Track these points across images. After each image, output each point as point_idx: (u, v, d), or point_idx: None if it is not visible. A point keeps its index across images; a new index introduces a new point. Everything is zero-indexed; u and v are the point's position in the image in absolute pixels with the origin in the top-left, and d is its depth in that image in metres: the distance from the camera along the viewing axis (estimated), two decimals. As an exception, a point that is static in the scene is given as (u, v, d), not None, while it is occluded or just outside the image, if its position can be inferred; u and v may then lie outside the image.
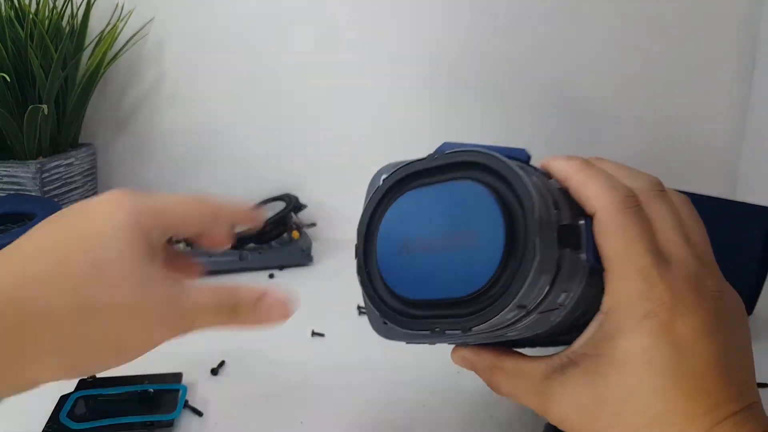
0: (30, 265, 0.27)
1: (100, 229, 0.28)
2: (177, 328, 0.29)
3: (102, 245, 0.27)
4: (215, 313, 0.30)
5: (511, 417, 0.40)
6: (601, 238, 0.28)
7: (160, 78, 0.77)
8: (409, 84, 0.77)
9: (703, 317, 0.28)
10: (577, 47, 0.76)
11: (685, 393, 0.27)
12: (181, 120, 0.78)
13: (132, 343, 0.28)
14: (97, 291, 0.27)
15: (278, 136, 0.79)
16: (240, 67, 0.77)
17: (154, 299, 0.28)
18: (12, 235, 0.49)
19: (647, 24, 0.75)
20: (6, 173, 0.62)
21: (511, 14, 0.75)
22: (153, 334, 0.28)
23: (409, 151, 0.85)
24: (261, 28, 0.76)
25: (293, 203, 0.74)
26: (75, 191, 0.69)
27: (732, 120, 0.77)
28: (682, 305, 0.28)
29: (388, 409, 0.41)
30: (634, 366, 0.27)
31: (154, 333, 0.28)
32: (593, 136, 0.78)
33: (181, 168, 0.79)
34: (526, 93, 0.77)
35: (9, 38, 0.62)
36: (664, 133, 0.77)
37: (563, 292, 0.27)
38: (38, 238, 0.28)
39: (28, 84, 0.64)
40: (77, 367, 0.28)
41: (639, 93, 0.77)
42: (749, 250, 0.50)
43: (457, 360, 0.34)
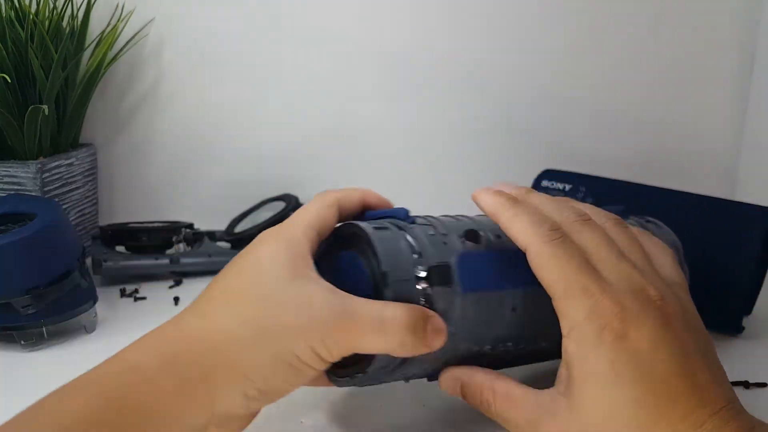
0: (209, 305, 0.31)
1: (260, 261, 0.31)
2: (340, 349, 0.30)
3: (262, 273, 0.31)
4: (380, 335, 0.30)
5: (511, 417, 0.40)
6: (538, 271, 0.31)
7: (160, 78, 0.77)
8: (411, 85, 0.77)
9: (652, 325, 0.29)
10: (576, 48, 0.76)
11: (659, 401, 0.28)
12: (181, 120, 0.78)
13: (305, 360, 0.30)
14: (266, 317, 0.29)
15: (278, 135, 0.79)
16: (240, 66, 0.77)
17: (319, 320, 0.29)
18: (12, 235, 0.49)
19: (647, 24, 0.75)
20: (6, 173, 0.62)
21: (510, 15, 0.75)
22: (320, 350, 0.30)
23: (409, 150, 0.86)
24: (261, 28, 0.76)
25: (293, 203, 0.74)
26: (75, 191, 0.69)
27: (731, 120, 0.77)
28: (631, 316, 0.29)
29: (387, 409, 0.41)
30: (605, 381, 0.28)
31: (320, 350, 0.30)
32: (592, 137, 0.78)
33: (181, 168, 0.80)
34: (525, 94, 0.77)
35: (9, 39, 0.62)
36: (663, 134, 0.78)
37: (445, 323, 0.32)
38: (219, 281, 0.32)
39: (29, 84, 0.64)
40: (263, 392, 0.30)
41: (638, 94, 0.77)
42: (748, 250, 0.50)
43: (445, 380, 0.35)
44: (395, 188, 0.80)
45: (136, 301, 0.60)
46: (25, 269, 0.49)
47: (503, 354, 0.38)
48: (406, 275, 0.32)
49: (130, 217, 0.78)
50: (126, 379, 0.28)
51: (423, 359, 0.34)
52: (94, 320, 0.53)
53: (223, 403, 0.29)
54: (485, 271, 0.34)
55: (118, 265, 0.64)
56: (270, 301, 0.30)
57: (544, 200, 0.35)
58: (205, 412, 0.29)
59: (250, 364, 0.29)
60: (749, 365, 0.48)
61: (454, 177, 0.80)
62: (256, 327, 0.29)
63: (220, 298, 0.31)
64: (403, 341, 0.30)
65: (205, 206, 0.79)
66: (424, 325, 0.31)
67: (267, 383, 0.30)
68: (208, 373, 0.29)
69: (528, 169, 0.70)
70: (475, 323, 0.34)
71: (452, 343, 0.33)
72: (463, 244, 0.35)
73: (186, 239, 0.69)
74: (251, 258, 0.32)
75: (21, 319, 0.48)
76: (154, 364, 0.29)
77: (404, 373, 0.36)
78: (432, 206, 0.79)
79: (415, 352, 0.31)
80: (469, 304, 0.33)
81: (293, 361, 0.29)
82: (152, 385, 0.28)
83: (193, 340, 0.30)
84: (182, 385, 0.28)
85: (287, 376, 0.30)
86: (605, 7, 0.74)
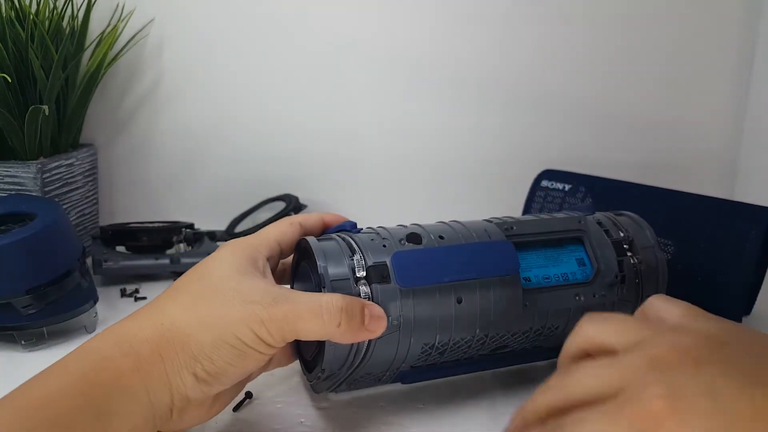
0: (165, 300, 0.35)
1: (212, 262, 0.36)
2: (281, 332, 0.33)
3: (212, 271, 0.35)
4: (317, 318, 0.33)
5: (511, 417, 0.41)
6: None
7: (160, 78, 0.77)
8: (411, 85, 0.77)
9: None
10: (577, 50, 0.76)
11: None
12: (181, 120, 0.78)
13: (248, 342, 0.33)
14: (211, 306, 0.33)
15: (278, 136, 0.79)
16: (240, 67, 0.77)
17: (257, 304, 0.33)
18: (13, 235, 0.49)
19: (646, 26, 0.75)
20: (7, 173, 0.62)
21: (511, 17, 0.75)
22: (261, 336, 0.33)
23: (409, 150, 0.86)
24: (261, 28, 0.76)
25: (293, 203, 0.74)
26: (76, 191, 0.69)
27: (730, 121, 0.77)
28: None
29: (386, 409, 0.41)
30: None
31: (261, 335, 0.33)
32: (593, 138, 0.78)
33: (181, 168, 0.80)
34: (526, 95, 0.77)
35: (10, 39, 0.62)
36: (662, 135, 0.78)
37: (387, 316, 0.36)
38: (177, 282, 0.36)
39: (29, 84, 0.64)
40: (211, 374, 0.33)
41: (638, 94, 0.77)
42: (748, 250, 0.50)
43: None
44: (394, 188, 0.81)
45: (137, 301, 0.60)
46: (26, 269, 0.49)
47: (463, 348, 0.40)
48: (343, 275, 0.36)
49: (130, 217, 0.78)
50: (89, 359, 0.32)
51: (379, 356, 0.37)
52: (94, 320, 0.53)
53: (178, 382, 0.32)
54: (423, 266, 0.37)
55: (118, 265, 0.64)
56: (216, 293, 0.34)
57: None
58: (166, 390, 0.32)
59: (197, 346, 0.32)
60: (748, 365, 0.48)
61: (454, 177, 0.80)
62: (202, 315, 0.33)
63: (173, 295, 0.35)
64: (339, 324, 0.33)
65: (205, 206, 0.79)
66: (361, 310, 0.34)
67: (213, 364, 0.32)
68: (162, 354, 0.32)
69: (528, 169, 0.70)
70: (419, 316, 0.37)
71: (401, 337, 0.37)
72: (403, 245, 0.38)
73: (186, 239, 0.69)
74: (207, 262, 0.36)
75: (21, 319, 0.49)
76: (113, 347, 0.32)
77: (368, 372, 0.38)
78: (431, 205, 0.80)
79: (356, 336, 0.34)
80: (410, 298, 0.37)
81: (236, 344, 0.32)
82: (112, 362, 0.31)
83: (148, 326, 0.33)
84: (139, 363, 0.32)
85: (231, 357, 0.33)
86: (604, 8, 0.74)
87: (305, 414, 0.41)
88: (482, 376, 0.45)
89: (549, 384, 0.27)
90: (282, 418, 0.40)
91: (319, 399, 0.43)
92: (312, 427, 0.39)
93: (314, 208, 0.78)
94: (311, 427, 0.39)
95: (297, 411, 0.41)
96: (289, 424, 0.40)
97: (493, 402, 0.42)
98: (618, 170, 0.66)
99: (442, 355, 0.40)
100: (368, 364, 0.37)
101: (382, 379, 0.40)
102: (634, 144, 0.78)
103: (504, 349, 0.42)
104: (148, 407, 0.31)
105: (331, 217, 0.42)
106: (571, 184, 0.64)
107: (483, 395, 0.43)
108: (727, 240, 0.51)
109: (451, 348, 0.39)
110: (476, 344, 0.40)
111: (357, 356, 0.37)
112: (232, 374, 0.33)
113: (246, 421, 0.40)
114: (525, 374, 0.46)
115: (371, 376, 0.39)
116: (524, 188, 0.68)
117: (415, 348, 0.38)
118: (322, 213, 0.42)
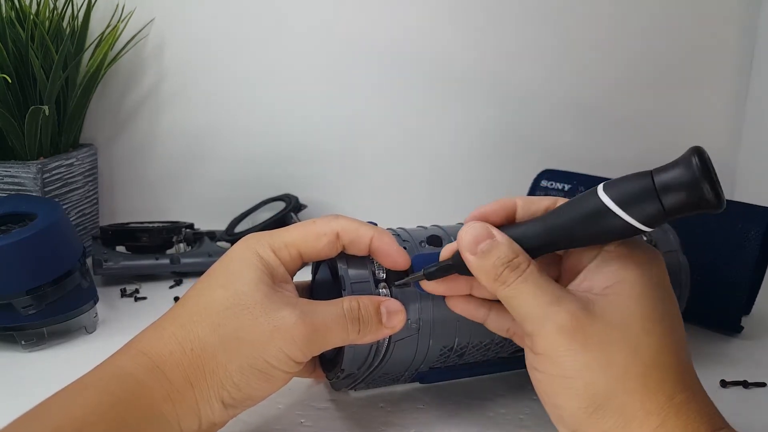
0: (185, 312, 0.33)
1: (234, 265, 0.34)
2: (312, 345, 0.32)
3: (235, 276, 0.33)
4: (343, 327, 0.33)
5: (511, 417, 0.41)
6: None
7: (160, 78, 0.77)
8: (411, 85, 0.77)
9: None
10: (578, 50, 0.76)
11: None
12: (182, 120, 0.78)
13: (275, 364, 0.32)
14: (239, 326, 0.32)
15: (278, 135, 0.79)
16: (240, 67, 0.77)
17: (285, 321, 0.32)
18: (13, 236, 0.49)
19: (646, 26, 0.75)
20: (7, 173, 0.62)
21: (510, 15, 0.75)
22: (291, 353, 0.32)
23: (409, 150, 0.86)
24: (261, 28, 0.76)
25: (293, 203, 0.74)
26: (76, 191, 0.69)
27: (729, 121, 0.77)
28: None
29: (386, 409, 0.41)
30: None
31: (291, 353, 0.32)
32: (592, 138, 0.78)
33: (181, 168, 0.80)
34: (527, 95, 0.77)
35: (10, 39, 0.62)
36: (662, 135, 0.78)
37: (407, 319, 0.35)
38: (195, 290, 0.34)
39: (29, 85, 0.64)
40: (238, 400, 0.32)
41: (638, 95, 0.77)
42: (747, 250, 0.50)
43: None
44: (394, 188, 0.81)
45: (137, 301, 0.60)
46: (26, 269, 0.49)
47: (482, 351, 0.40)
48: (364, 277, 0.36)
49: (130, 217, 0.78)
50: (125, 383, 0.30)
51: (398, 358, 0.37)
52: (94, 320, 0.53)
53: (207, 410, 0.32)
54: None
55: (118, 265, 0.64)
56: (243, 310, 0.32)
57: None
58: (195, 417, 0.31)
59: (225, 373, 0.31)
60: (748, 365, 0.48)
61: (454, 177, 0.80)
62: (230, 338, 0.31)
63: (195, 309, 0.33)
64: (361, 326, 0.33)
65: (205, 206, 0.79)
66: (376, 310, 0.34)
67: (240, 391, 0.32)
68: (192, 381, 0.31)
69: (528, 169, 0.70)
70: (439, 318, 0.37)
71: (420, 339, 0.37)
72: (423, 248, 0.38)
73: (186, 239, 0.69)
74: (225, 269, 0.34)
75: (22, 319, 0.49)
76: (144, 371, 0.31)
77: (387, 372, 0.38)
78: (430, 204, 0.80)
79: (376, 335, 0.34)
80: (430, 300, 0.36)
81: (264, 367, 0.32)
82: (145, 389, 0.30)
83: (176, 349, 0.32)
84: (171, 392, 0.31)
85: (258, 383, 0.32)
86: (603, 8, 0.74)
87: (305, 414, 0.41)
88: (481, 376, 0.46)
89: None
90: (282, 418, 0.40)
91: (319, 399, 0.43)
92: (312, 427, 0.39)
93: (314, 207, 0.78)
94: (311, 427, 0.39)
95: (297, 411, 0.41)
96: (289, 424, 0.40)
97: (493, 402, 0.42)
98: (618, 170, 0.66)
99: (461, 357, 0.40)
100: (387, 365, 0.38)
101: (400, 379, 0.41)
102: (633, 144, 0.78)
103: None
104: None
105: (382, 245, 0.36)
106: (570, 183, 0.64)
107: (483, 395, 0.43)
108: (727, 240, 0.51)
109: (470, 350, 0.39)
110: (495, 347, 0.40)
111: (376, 357, 0.37)
112: (258, 398, 0.33)
113: (246, 421, 0.40)
114: (524, 375, 0.46)
115: (389, 376, 0.40)
116: (524, 188, 0.68)
117: (433, 350, 0.38)
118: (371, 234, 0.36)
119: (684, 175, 0.27)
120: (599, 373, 0.28)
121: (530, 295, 0.30)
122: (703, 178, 0.27)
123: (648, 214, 0.28)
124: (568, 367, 0.29)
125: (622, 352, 0.28)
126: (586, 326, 0.29)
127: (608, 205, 0.29)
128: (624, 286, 0.30)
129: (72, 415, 0.28)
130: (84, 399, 0.29)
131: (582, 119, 0.78)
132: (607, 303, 0.29)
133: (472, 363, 0.41)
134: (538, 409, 0.41)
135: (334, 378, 0.39)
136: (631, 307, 0.29)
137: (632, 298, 0.29)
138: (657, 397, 0.28)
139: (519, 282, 0.30)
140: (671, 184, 0.27)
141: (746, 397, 0.44)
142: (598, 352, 0.28)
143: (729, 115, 0.77)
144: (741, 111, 0.77)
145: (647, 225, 0.28)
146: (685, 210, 0.27)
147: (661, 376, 0.28)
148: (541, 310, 0.30)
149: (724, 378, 0.45)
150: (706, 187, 0.26)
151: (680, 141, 0.78)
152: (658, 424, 0.28)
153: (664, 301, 0.30)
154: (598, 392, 0.28)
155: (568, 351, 0.29)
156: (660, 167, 0.28)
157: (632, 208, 0.28)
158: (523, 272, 0.30)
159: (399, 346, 0.37)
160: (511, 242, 0.31)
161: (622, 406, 0.28)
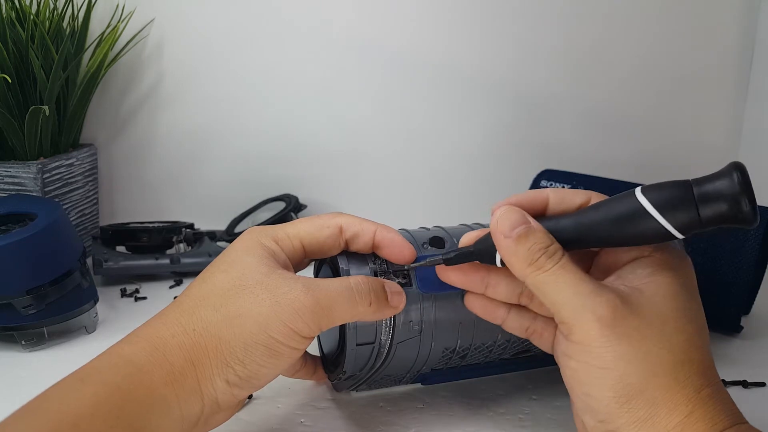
0: (189, 300, 0.33)
1: (236, 253, 0.34)
2: (317, 318, 0.32)
3: (236, 262, 0.34)
4: (350, 300, 0.33)
5: (511, 417, 0.41)
6: None
7: (160, 79, 0.77)
8: (411, 85, 0.77)
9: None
10: (578, 50, 0.76)
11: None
12: (182, 120, 0.78)
13: (281, 339, 0.32)
14: (240, 304, 0.32)
15: (278, 136, 0.79)
16: (240, 67, 0.77)
17: (288, 296, 0.32)
18: (13, 236, 0.49)
19: (646, 28, 0.75)
20: (7, 173, 0.62)
21: (513, 18, 0.75)
22: (296, 327, 0.32)
23: (409, 151, 0.86)
24: (261, 28, 0.76)
25: (293, 203, 0.74)
26: (76, 191, 0.69)
27: (729, 121, 0.77)
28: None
29: (386, 409, 0.41)
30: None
31: (296, 326, 0.32)
32: (593, 140, 0.78)
33: (181, 168, 0.80)
34: (527, 95, 0.77)
35: (10, 39, 0.62)
36: (662, 136, 0.78)
37: (409, 321, 0.36)
38: (198, 279, 0.34)
39: (29, 85, 0.64)
40: (243, 378, 0.32)
41: (638, 94, 0.77)
42: (747, 250, 0.50)
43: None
44: (395, 188, 0.81)
45: (137, 301, 0.60)
46: (26, 269, 0.49)
47: (484, 353, 0.40)
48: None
49: (130, 217, 0.78)
50: (123, 370, 0.30)
51: (400, 359, 0.37)
52: (94, 320, 0.53)
53: (210, 389, 0.31)
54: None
55: (118, 265, 0.64)
56: (244, 289, 0.32)
57: None
58: (198, 399, 0.31)
59: (228, 349, 0.31)
60: (748, 365, 0.48)
61: (454, 177, 0.80)
62: (230, 314, 0.32)
63: (198, 294, 0.33)
64: (371, 303, 0.33)
65: (205, 206, 0.79)
66: (383, 287, 0.34)
67: (245, 368, 0.31)
68: (194, 361, 0.31)
69: (528, 169, 0.70)
70: (440, 320, 0.37)
71: (422, 341, 0.37)
72: (425, 249, 0.38)
73: (186, 239, 0.69)
74: (227, 257, 0.35)
75: (22, 319, 0.49)
76: (146, 357, 0.31)
77: (389, 374, 0.38)
78: (430, 205, 0.80)
79: (383, 313, 0.34)
80: (431, 302, 0.37)
81: (269, 343, 0.31)
82: (146, 375, 0.30)
83: (178, 331, 0.32)
84: (172, 374, 0.30)
85: (263, 359, 0.32)
86: (603, 9, 0.74)
87: (305, 414, 0.41)
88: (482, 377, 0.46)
89: None
90: (282, 418, 0.40)
91: (319, 399, 0.43)
92: (312, 427, 0.39)
93: (314, 208, 0.78)
94: (311, 427, 0.39)
95: (297, 411, 0.41)
96: (289, 424, 0.40)
97: (493, 402, 0.42)
98: (617, 170, 0.66)
99: (464, 359, 0.40)
100: (389, 367, 0.38)
101: (402, 381, 0.41)
102: (633, 144, 0.78)
103: (527, 353, 0.42)
104: (179, 420, 0.31)
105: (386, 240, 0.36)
106: (570, 184, 0.64)
107: (483, 395, 0.43)
108: (726, 240, 0.51)
109: (472, 352, 0.39)
110: (497, 348, 0.40)
111: (378, 359, 0.37)
112: (264, 376, 0.33)
113: (246, 421, 0.40)
114: (524, 375, 0.46)
115: (392, 378, 0.40)
116: (524, 188, 0.68)
117: (435, 352, 0.38)
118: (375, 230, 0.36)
119: (726, 187, 0.28)
120: (635, 365, 0.29)
121: (569, 283, 0.30)
122: (743, 193, 0.28)
123: (683, 221, 0.29)
124: (606, 357, 0.29)
125: (657, 347, 0.29)
126: (625, 318, 0.30)
127: (647, 207, 0.29)
128: (659, 286, 0.31)
129: (68, 409, 0.28)
130: (80, 392, 0.29)
131: (582, 119, 0.78)
132: (644, 299, 0.30)
133: (474, 364, 0.41)
134: (538, 409, 0.41)
135: (337, 379, 0.39)
136: (667, 305, 0.30)
137: (667, 297, 0.31)
138: (686, 390, 0.29)
139: (558, 268, 0.30)
140: (711, 195, 0.28)
141: (746, 397, 0.44)
142: (636, 344, 0.29)
143: (729, 115, 0.77)
144: (741, 111, 0.77)
145: (681, 232, 0.29)
146: (720, 222, 0.28)
147: (690, 370, 0.30)
148: (581, 299, 0.30)
149: (724, 378, 0.45)
150: (745, 201, 0.27)
151: (680, 141, 0.78)
152: (685, 414, 0.29)
153: (694, 303, 0.32)
154: (632, 383, 0.29)
155: (608, 341, 0.29)
156: (699, 178, 0.29)
157: (669, 213, 0.29)
158: (560, 259, 0.31)
159: (401, 347, 0.37)
160: (546, 231, 0.31)
161: (653, 398, 0.29)
